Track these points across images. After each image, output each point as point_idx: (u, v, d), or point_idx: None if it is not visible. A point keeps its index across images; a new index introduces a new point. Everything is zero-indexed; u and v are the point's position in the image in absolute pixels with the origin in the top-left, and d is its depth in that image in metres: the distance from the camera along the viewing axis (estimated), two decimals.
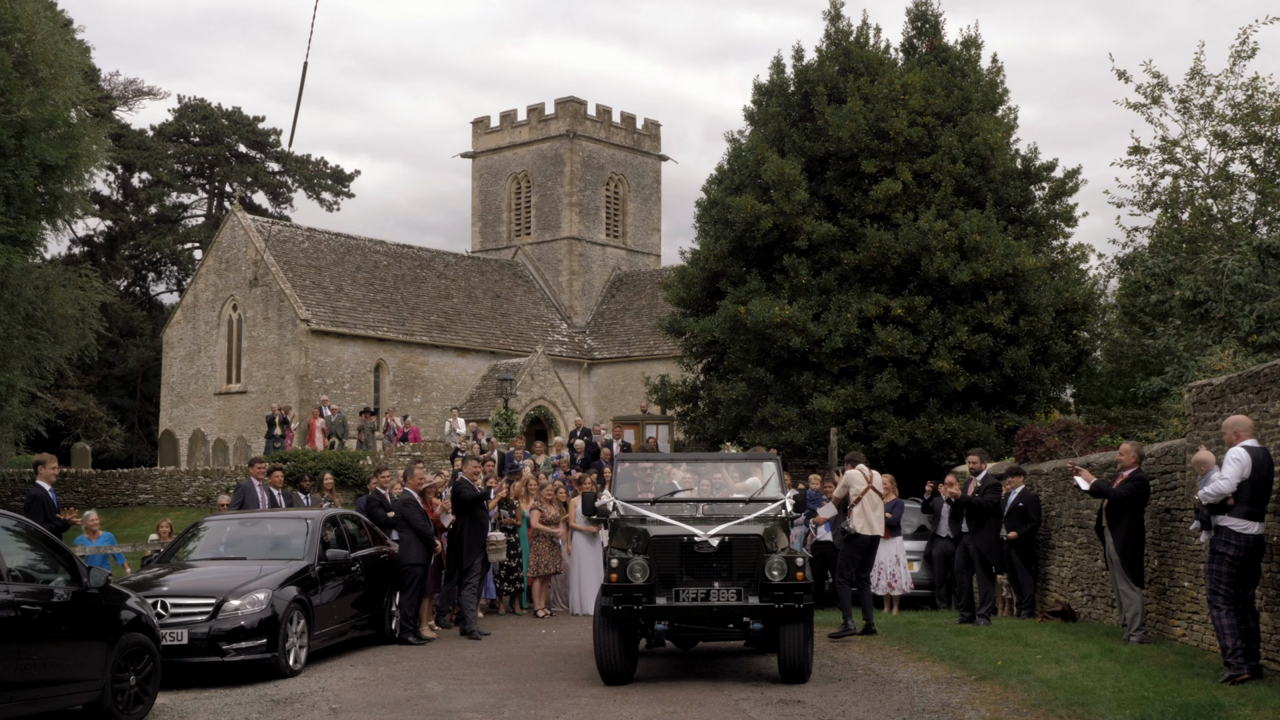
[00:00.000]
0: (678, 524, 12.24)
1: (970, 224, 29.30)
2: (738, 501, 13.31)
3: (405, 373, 50.38)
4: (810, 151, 31.49)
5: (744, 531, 12.14)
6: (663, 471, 14.34)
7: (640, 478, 14.17)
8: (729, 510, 12.93)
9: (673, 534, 12.08)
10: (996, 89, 33.04)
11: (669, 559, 12.01)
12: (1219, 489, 10.83)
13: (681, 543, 12.01)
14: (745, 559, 11.98)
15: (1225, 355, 18.62)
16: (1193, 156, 27.35)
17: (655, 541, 12.06)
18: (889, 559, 18.71)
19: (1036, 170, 32.63)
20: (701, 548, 11.96)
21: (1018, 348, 29.42)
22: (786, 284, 30.64)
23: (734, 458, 16.51)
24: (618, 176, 61.38)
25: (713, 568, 11.99)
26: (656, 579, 11.93)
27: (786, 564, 11.91)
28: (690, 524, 12.23)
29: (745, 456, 16.01)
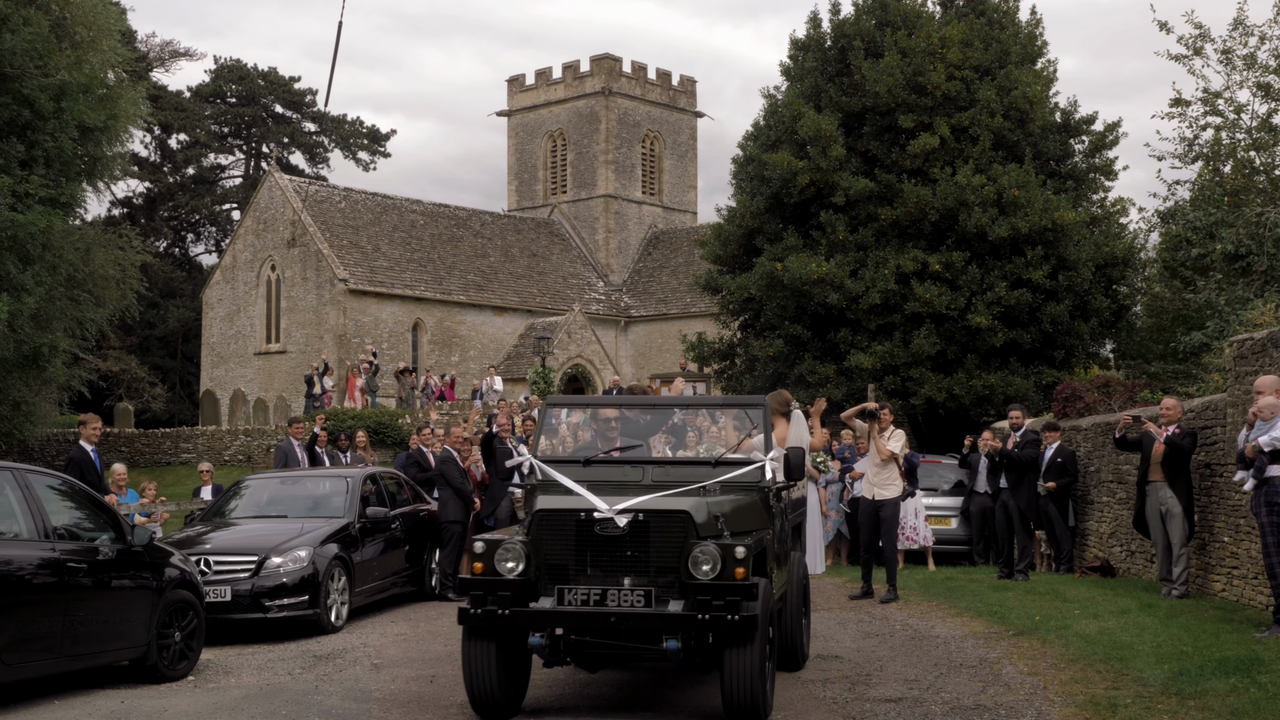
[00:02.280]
0: (579, 493, 8.85)
1: (1009, 178, 29.06)
2: (702, 464, 9.64)
3: (443, 331, 50.58)
4: (847, 107, 31.27)
5: (666, 506, 8.66)
6: (603, 420, 10.41)
7: (574, 430, 11.40)
8: (688, 475, 9.39)
9: (565, 507, 8.73)
10: (1035, 41, 32.68)
11: (559, 543, 8.68)
12: None
13: (577, 520, 8.62)
14: (667, 547, 8.56)
15: (1267, 309, 18.44)
16: (1235, 108, 26.99)
17: (541, 518, 8.75)
18: (909, 513, 18.54)
19: (1076, 124, 32.30)
20: (605, 528, 8.53)
21: (1056, 303, 29.22)
22: (823, 240, 30.51)
23: (706, 401, 12.26)
24: (653, 134, 61.23)
25: (624, 558, 8.63)
26: (540, 571, 8.67)
27: (719, 556, 8.36)
28: (609, 494, 8.83)
29: (725, 401, 11.52)
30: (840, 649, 11.60)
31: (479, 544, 8.77)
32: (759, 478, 9.51)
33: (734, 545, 8.45)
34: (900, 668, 10.58)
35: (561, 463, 9.62)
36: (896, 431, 15.31)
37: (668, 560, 8.54)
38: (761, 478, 9.53)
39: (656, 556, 8.58)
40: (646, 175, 61.07)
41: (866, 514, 15.27)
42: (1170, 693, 8.95)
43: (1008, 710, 8.76)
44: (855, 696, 9.35)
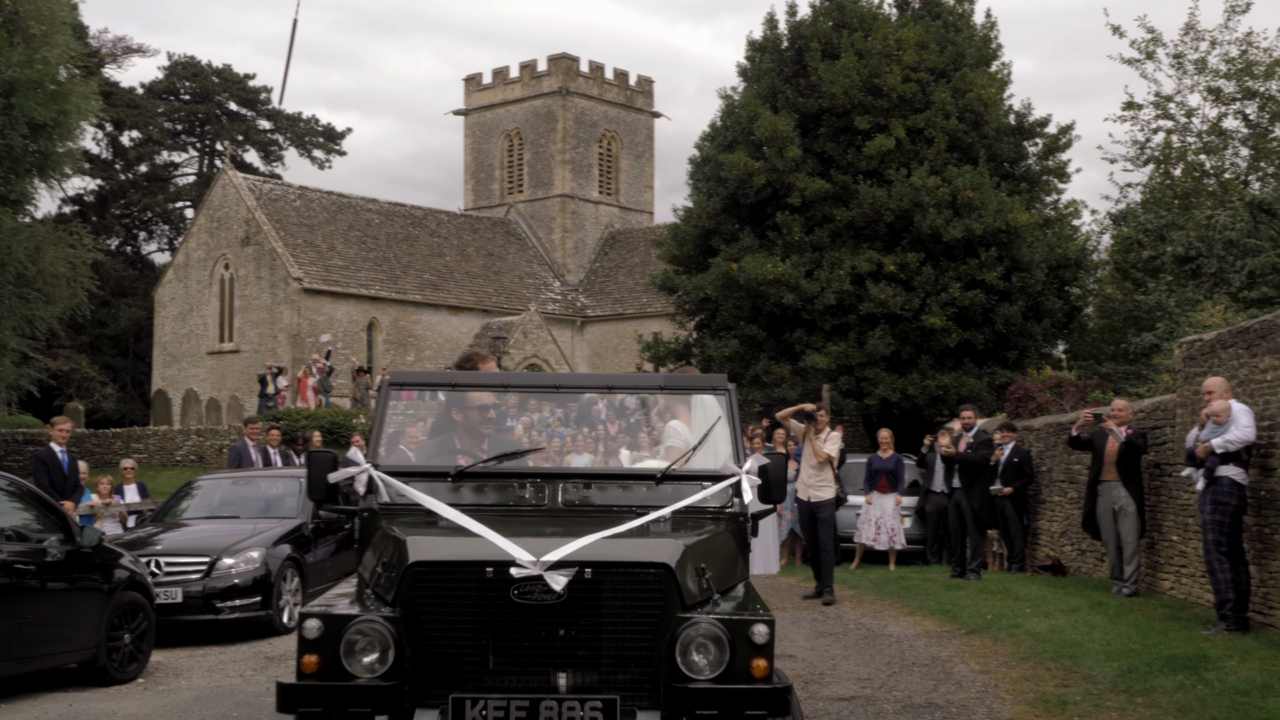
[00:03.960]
0: (476, 531, 5.68)
1: (963, 180, 29.24)
2: (637, 479, 6.53)
3: (398, 331, 50.40)
4: (803, 108, 31.37)
5: (629, 556, 5.61)
6: (473, 410, 6.96)
7: (439, 425, 7.11)
8: (622, 499, 6.38)
9: (459, 558, 5.56)
10: (990, 44, 32.89)
11: (450, 619, 5.53)
12: (1245, 437, 10.90)
13: (481, 580, 5.50)
14: (633, 622, 5.56)
15: (1216, 311, 18.67)
16: (1186, 112, 27.33)
17: (417, 576, 5.52)
18: (889, 513, 18.80)
19: (1030, 126, 32.53)
20: (529, 593, 5.47)
21: (1010, 304, 29.42)
22: (779, 241, 30.59)
23: (643, 380, 7.43)
24: (611, 134, 61.23)
25: (560, 642, 5.52)
26: (420, 668, 5.55)
27: (726, 638, 5.50)
28: (519, 533, 5.69)
29: (665, 381, 7.23)
30: (794, 648, 11.64)
31: (312, 622, 5.49)
32: (728, 501, 6.41)
33: (748, 621, 5.58)
34: (853, 666, 10.62)
35: (417, 475, 6.39)
36: (833, 433, 15.41)
37: (633, 643, 5.52)
38: (731, 501, 6.42)
39: (614, 638, 5.52)
40: (603, 175, 61.07)
41: (805, 516, 15.39)
42: (1119, 690, 9.04)
43: (959, 708, 8.82)
44: (808, 695, 9.38)
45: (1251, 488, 11.22)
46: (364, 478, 6.41)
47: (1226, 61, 26.59)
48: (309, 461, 6.64)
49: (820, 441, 15.03)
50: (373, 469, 6.42)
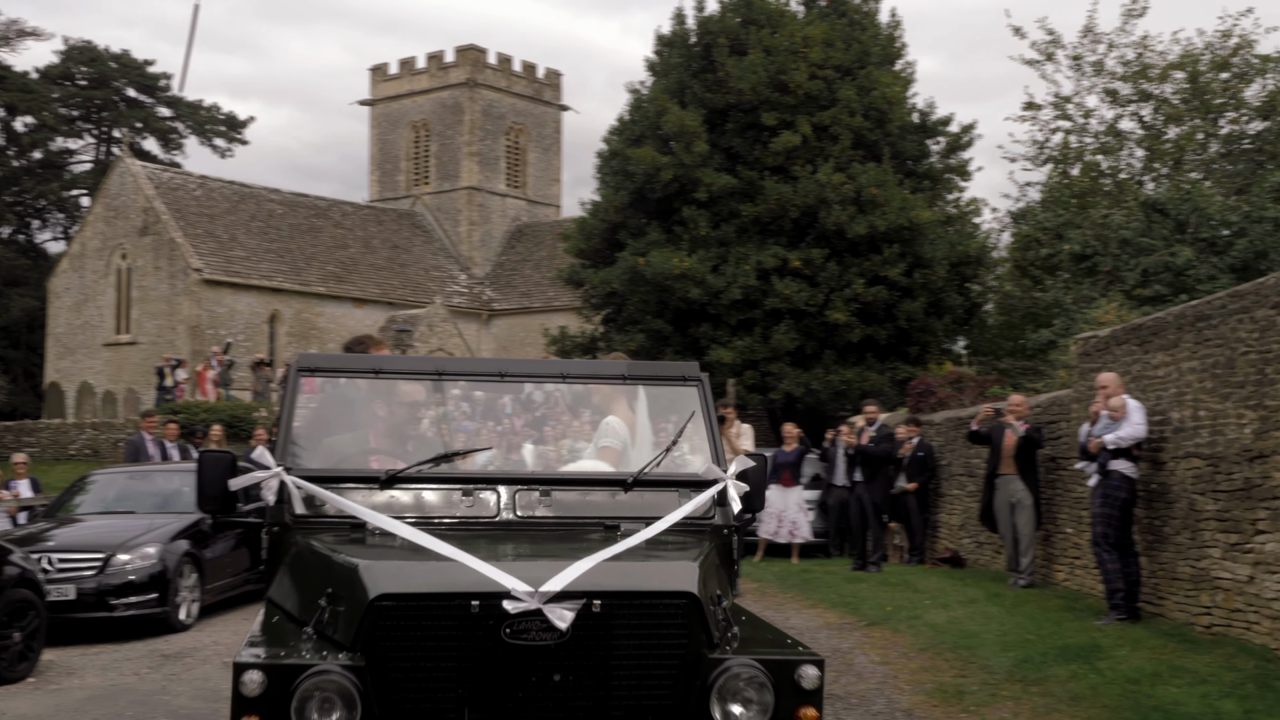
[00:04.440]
0: (454, 555, 4.70)
1: (868, 177, 29.52)
2: (602, 485, 5.69)
3: (301, 323, 49.84)
4: (711, 103, 31.48)
5: (645, 584, 4.73)
6: (401, 403, 5.98)
7: (364, 419, 5.94)
8: (579, 508, 5.56)
9: (437, 589, 4.58)
10: (894, 43, 33.24)
11: (428, 665, 4.56)
12: (1136, 434, 11.14)
13: (466, 615, 4.51)
14: (648, 666, 4.65)
15: (1111, 308, 19.04)
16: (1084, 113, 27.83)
17: (386, 611, 4.52)
18: (791, 507, 18.87)
19: (932, 125, 32.93)
20: (525, 631, 4.52)
21: (912, 300, 29.77)
22: (686, 236, 30.69)
23: (603, 369, 6.34)
24: (518, 126, 61.01)
25: (561, 691, 4.60)
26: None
27: (770, 681, 4.64)
28: (489, 552, 4.83)
29: (629, 370, 6.19)
30: None
31: (252, 675, 4.44)
32: (709, 511, 5.57)
33: (794, 661, 4.71)
34: None
35: (338, 481, 5.36)
36: (744, 427, 15.51)
37: (651, 691, 4.60)
38: (713, 511, 5.59)
39: (627, 685, 4.59)
40: (511, 168, 60.83)
41: None
42: (1014, 680, 9.19)
43: (859, 699, 8.92)
44: None
45: (1143, 481, 11.47)
46: (273, 484, 5.28)
47: (1123, 64, 27.12)
48: (201, 464, 5.46)
49: (735, 437, 15.11)
50: (284, 473, 5.27)
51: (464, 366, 6.13)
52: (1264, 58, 26.29)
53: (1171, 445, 11.17)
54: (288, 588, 5.26)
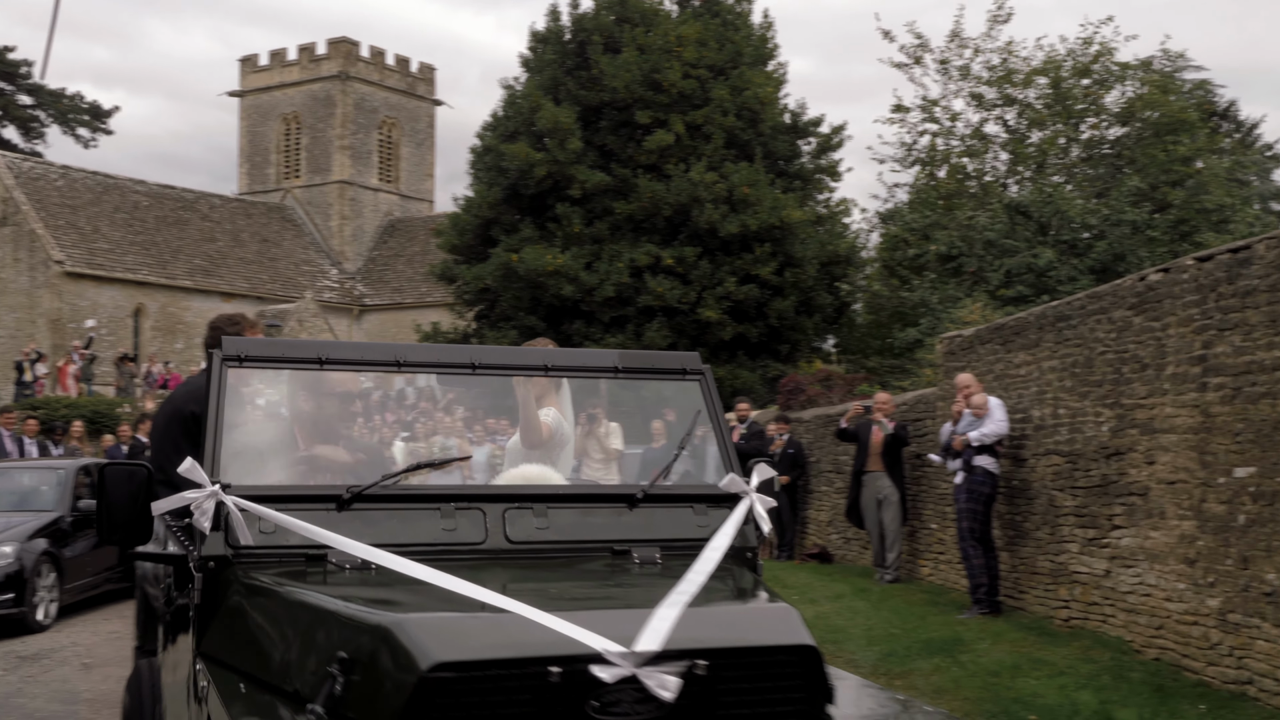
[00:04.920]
0: (504, 602, 3.48)
1: (740, 176, 29.80)
2: (615, 501, 4.79)
3: (167, 318, 48.84)
4: (585, 101, 31.53)
5: (758, 638, 3.66)
6: (339, 396, 4.78)
7: (314, 417, 4.72)
8: (580, 529, 4.56)
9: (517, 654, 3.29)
10: (767, 44, 33.60)
11: None
12: (1000, 431, 11.40)
13: (544, 686, 3.26)
14: None
15: (975, 308, 19.44)
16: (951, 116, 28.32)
17: (444, 686, 3.23)
18: None
19: (804, 125, 33.35)
20: (614, 704, 3.31)
21: (783, 298, 30.12)
22: (559, 232, 30.71)
23: (592, 360, 5.36)
24: (391, 120, 60.44)
25: None
26: None
27: None
28: (537, 598, 3.53)
29: (621, 361, 5.23)
30: None
31: None
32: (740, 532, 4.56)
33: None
34: None
35: (285, 500, 4.24)
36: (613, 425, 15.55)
37: None
38: (745, 531, 4.64)
39: None
40: (383, 162, 60.23)
41: None
42: (879, 673, 9.36)
43: None
44: None
45: (1004, 478, 11.75)
46: (207, 506, 4.08)
47: (988, 69, 27.67)
48: (105, 482, 4.29)
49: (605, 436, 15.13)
50: (221, 492, 4.09)
51: (428, 355, 4.95)
52: (1123, 65, 27.04)
53: (1032, 442, 11.46)
54: (252, 646, 3.90)
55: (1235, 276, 8.29)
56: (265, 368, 4.66)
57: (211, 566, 4.16)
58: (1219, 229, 23.06)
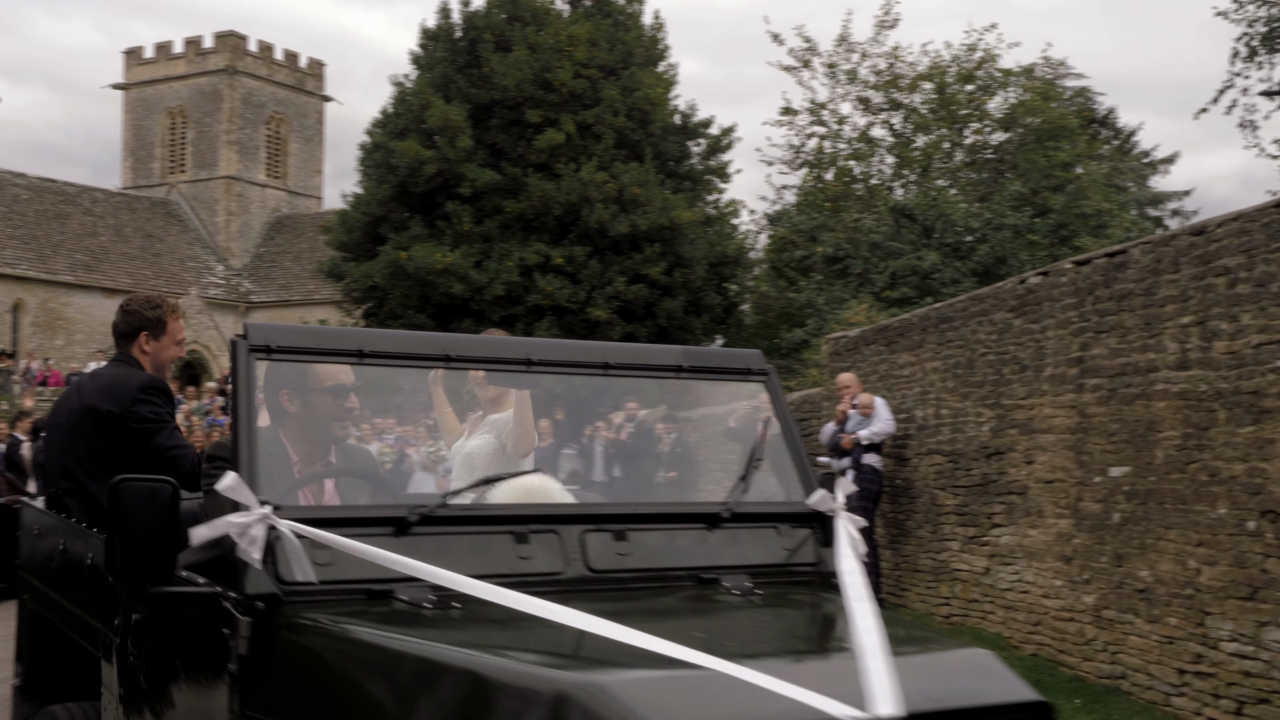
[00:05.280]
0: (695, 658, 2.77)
1: (630, 176, 29.85)
2: (685, 521, 4.01)
3: (47, 313, 47.73)
4: (476, 99, 31.37)
5: (994, 695, 3.03)
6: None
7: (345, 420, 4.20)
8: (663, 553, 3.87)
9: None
10: (658, 45, 33.70)
11: None
12: (887, 429, 11.55)
13: None
14: None
15: (861, 309, 19.68)
16: (838, 119, 28.66)
17: None
18: None
19: (694, 126, 33.50)
20: None
21: (672, 298, 30.24)
22: (449, 231, 30.53)
23: (657, 357, 4.46)
24: (279, 116, 59.64)
25: None
26: None
27: None
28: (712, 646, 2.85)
29: (686, 359, 4.36)
30: None
31: None
32: (816, 556, 4.10)
33: None
34: None
35: (339, 524, 3.53)
36: None
37: None
38: (820, 557, 4.10)
39: None
40: (271, 158, 59.41)
41: None
42: None
43: None
44: None
45: (888, 476, 11.92)
46: (257, 532, 3.31)
47: (875, 73, 28.05)
48: (120, 501, 3.37)
49: None
50: (273, 515, 3.33)
51: (478, 348, 4.23)
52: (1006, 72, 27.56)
53: (915, 442, 11.62)
54: (336, 708, 3.13)
55: (1111, 280, 8.47)
56: (299, 360, 3.93)
57: (260, 608, 3.34)
58: (1097, 233, 23.62)
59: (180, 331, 5.46)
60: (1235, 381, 7.19)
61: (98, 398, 5.03)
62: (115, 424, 4.91)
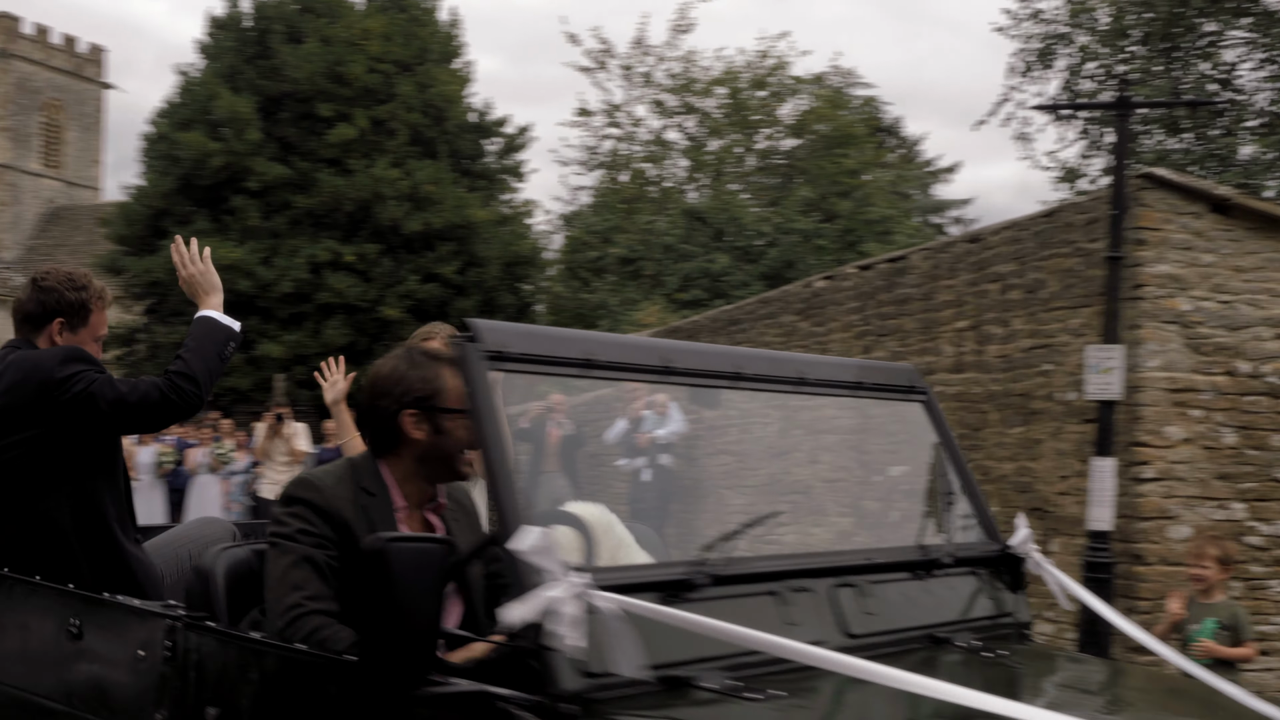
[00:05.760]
0: None
1: (424, 174, 29.55)
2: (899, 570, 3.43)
3: None
4: (266, 91, 30.64)
5: None
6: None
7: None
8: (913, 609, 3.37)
9: None
10: (453, 41, 33.44)
11: None
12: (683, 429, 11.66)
13: None
14: None
15: (653, 310, 19.85)
16: (633, 122, 28.88)
17: None
18: None
19: (489, 125, 33.33)
20: None
21: (466, 298, 30.02)
22: (236, 226, 29.75)
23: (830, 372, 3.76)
24: (55, 102, 57.32)
25: None
26: None
27: None
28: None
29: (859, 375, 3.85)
30: None
31: None
32: (1013, 605, 3.73)
33: None
34: None
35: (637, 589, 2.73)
36: (298, 426, 15.23)
37: None
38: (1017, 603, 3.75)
39: None
40: (47, 146, 57.05)
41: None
42: None
43: None
44: None
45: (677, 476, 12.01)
46: (572, 609, 2.53)
47: (671, 77, 28.35)
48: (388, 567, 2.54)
49: (290, 437, 14.81)
50: (592, 587, 2.57)
51: (694, 359, 3.38)
52: (797, 79, 28.15)
53: (704, 442, 11.75)
54: None
55: (893, 285, 8.69)
56: (537, 373, 3.10)
57: (575, 712, 2.56)
58: (882, 239, 24.27)
59: (103, 325, 4.46)
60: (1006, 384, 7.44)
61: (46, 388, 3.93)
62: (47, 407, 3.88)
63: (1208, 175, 15.17)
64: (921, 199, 36.27)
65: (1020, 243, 7.43)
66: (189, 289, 4.50)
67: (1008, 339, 7.47)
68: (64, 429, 3.92)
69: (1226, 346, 8.07)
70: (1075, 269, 7.85)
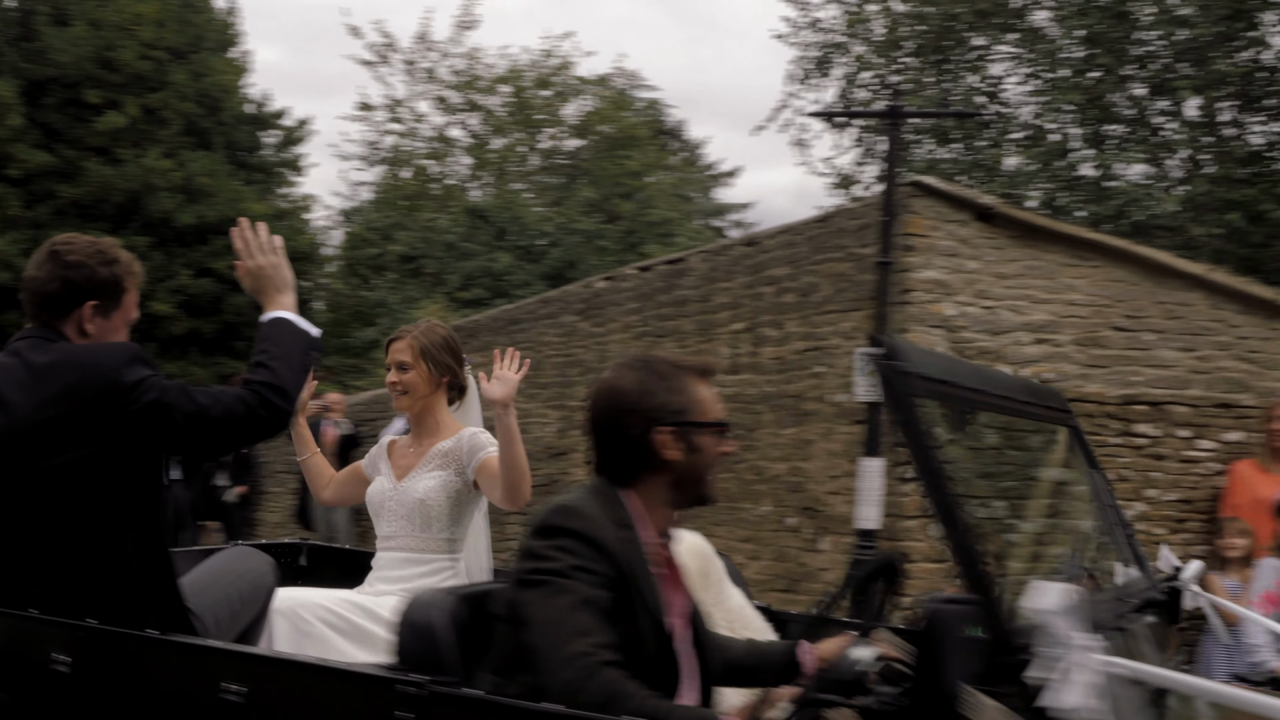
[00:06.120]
0: None
1: (198, 165, 28.75)
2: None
3: None
4: (29, 74, 29.37)
5: None
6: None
7: None
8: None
9: None
10: (230, 30, 32.62)
11: None
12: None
13: None
14: None
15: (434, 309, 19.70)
16: (416, 118, 28.59)
17: None
18: None
19: (267, 117, 32.60)
20: None
21: (240, 294, 29.25)
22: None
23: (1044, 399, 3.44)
24: None
25: None
26: None
27: None
28: None
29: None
30: None
31: None
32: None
33: None
34: None
35: None
36: None
37: None
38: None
39: None
40: None
41: None
42: None
43: None
44: None
45: None
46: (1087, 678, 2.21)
47: (454, 74, 28.15)
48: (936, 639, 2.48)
49: None
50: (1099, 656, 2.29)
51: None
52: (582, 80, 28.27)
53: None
54: None
55: (672, 286, 8.77)
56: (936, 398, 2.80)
57: None
58: (664, 241, 24.56)
59: (135, 308, 3.90)
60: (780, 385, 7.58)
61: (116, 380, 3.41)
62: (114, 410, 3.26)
63: (975, 184, 15.75)
64: (703, 202, 36.80)
65: (795, 247, 7.57)
66: (253, 284, 3.79)
67: (782, 341, 7.61)
68: (127, 445, 3.36)
69: (989, 350, 8.37)
70: (847, 273, 8.04)
